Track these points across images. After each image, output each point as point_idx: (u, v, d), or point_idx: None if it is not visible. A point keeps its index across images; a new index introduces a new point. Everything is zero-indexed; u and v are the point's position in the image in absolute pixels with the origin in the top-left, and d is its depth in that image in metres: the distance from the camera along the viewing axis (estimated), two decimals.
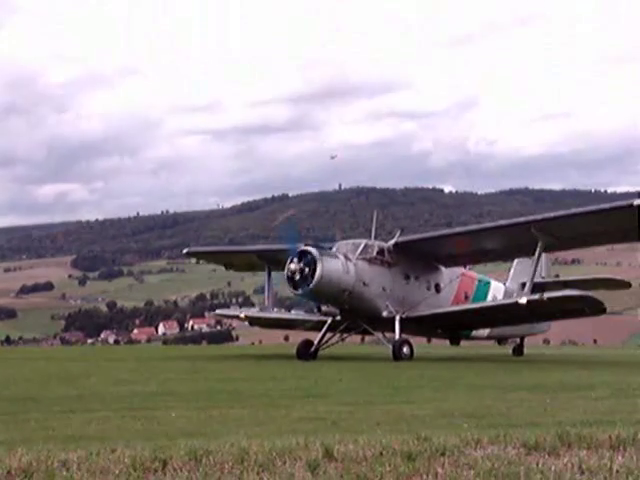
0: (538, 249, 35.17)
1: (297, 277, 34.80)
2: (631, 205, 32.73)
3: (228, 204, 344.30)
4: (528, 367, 33.29)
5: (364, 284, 35.98)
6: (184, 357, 41.82)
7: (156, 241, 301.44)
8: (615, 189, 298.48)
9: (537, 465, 8.28)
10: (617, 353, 54.14)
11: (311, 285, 34.56)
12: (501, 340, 45.21)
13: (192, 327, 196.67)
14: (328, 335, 38.66)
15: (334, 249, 36.93)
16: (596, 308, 36.14)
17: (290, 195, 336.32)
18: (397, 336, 35.54)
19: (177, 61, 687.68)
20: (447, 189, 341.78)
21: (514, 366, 34.35)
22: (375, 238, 38.51)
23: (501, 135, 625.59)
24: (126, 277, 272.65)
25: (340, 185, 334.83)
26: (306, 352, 37.26)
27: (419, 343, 46.13)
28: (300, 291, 35.50)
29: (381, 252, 37.26)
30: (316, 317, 39.69)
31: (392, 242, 38.21)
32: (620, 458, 8.61)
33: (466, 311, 38.16)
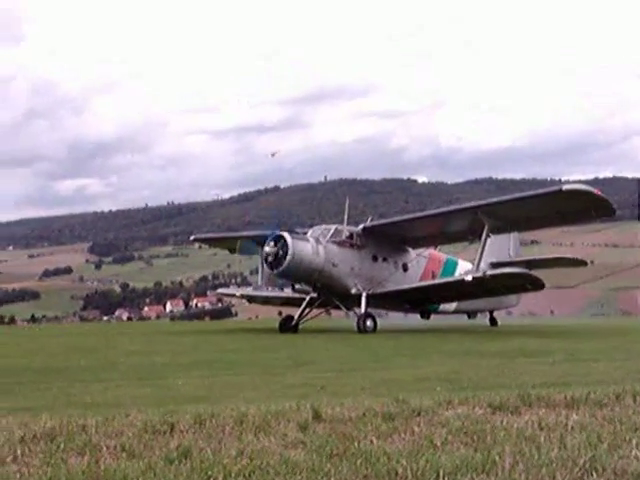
0: (485, 231, 35.01)
1: (271, 259, 34.89)
2: (560, 190, 32.87)
3: (227, 195, 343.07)
4: (492, 336, 33.35)
5: (333, 265, 35.90)
6: (189, 332, 41.80)
7: (163, 229, 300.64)
8: (568, 177, 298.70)
9: (501, 423, 8.30)
10: (572, 323, 54.24)
11: (283, 265, 34.62)
12: (470, 314, 45.09)
13: (196, 305, 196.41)
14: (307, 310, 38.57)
15: (308, 233, 36.93)
16: (536, 284, 36.15)
17: (281, 186, 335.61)
18: (362, 310, 35.45)
19: (181, 68, 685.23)
20: (420, 179, 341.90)
21: (480, 335, 34.41)
22: (348, 224, 38.31)
23: (468, 131, 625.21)
24: (137, 261, 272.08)
25: (325, 177, 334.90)
26: (287, 326, 37.33)
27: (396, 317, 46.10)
28: (275, 271, 35.64)
29: (350, 236, 37.17)
30: (296, 294, 39.77)
31: (361, 227, 38.16)
32: (575, 416, 8.64)
33: (421, 288, 37.81)
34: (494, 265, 42.31)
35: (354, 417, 8.70)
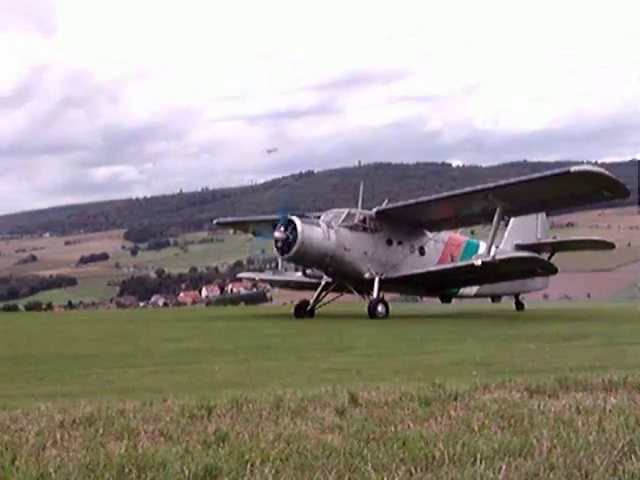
0: (497, 215, 34.58)
1: (280, 244, 34.72)
2: (568, 171, 32.39)
3: (261, 180, 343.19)
4: (527, 320, 33.22)
5: (345, 249, 35.56)
6: (224, 317, 41.94)
7: (198, 215, 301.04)
8: (605, 160, 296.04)
9: (539, 407, 8.29)
10: (608, 306, 53.89)
11: (292, 250, 34.44)
12: (494, 298, 44.62)
13: (231, 290, 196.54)
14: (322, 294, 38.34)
15: (321, 218, 36.58)
16: (548, 268, 35.81)
17: (315, 171, 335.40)
18: (375, 295, 34.96)
19: (214, 54, 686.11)
20: (455, 163, 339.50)
21: (514, 320, 34.29)
22: (369, 208, 38.00)
23: (503, 114, 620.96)
24: (172, 247, 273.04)
25: (359, 162, 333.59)
26: (303, 311, 37.12)
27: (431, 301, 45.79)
28: (285, 256, 35.54)
29: (363, 220, 36.78)
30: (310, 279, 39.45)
31: (374, 210, 37.72)
32: (612, 399, 8.60)
33: (433, 272, 37.19)
34: (519, 247, 41.98)
35: (390, 401, 8.72)
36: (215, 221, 56.06)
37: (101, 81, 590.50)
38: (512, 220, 43.73)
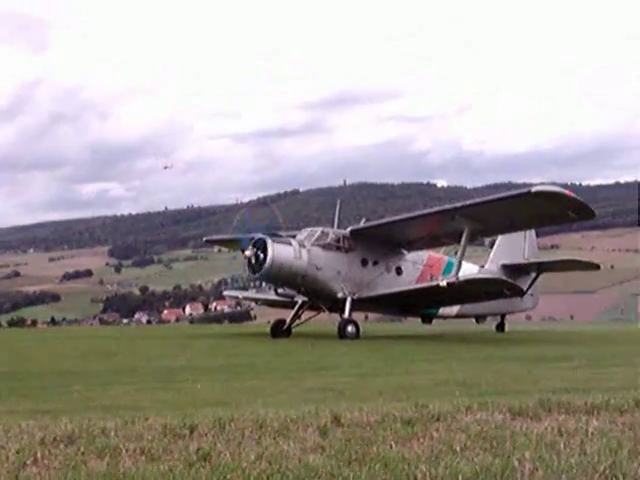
0: (465, 235, 34.36)
1: (252, 262, 34.40)
2: (529, 192, 32.04)
3: (247, 199, 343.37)
4: (512, 341, 33.30)
5: (317, 268, 35.19)
6: (208, 335, 41.88)
7: (182, 232, 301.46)
8: (589, 182, 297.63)
9: (521, 428, 8.30)
10: (591, 328, 54.08)
11: (263, 269, 34.19)
12: (479, 318, 44.34)
13: (215, 308, 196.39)
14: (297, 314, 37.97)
15: (296, 237, 36.34)
16: (514, 290, 35.63)
17: (301, 190, 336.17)
18: (346, 316, 34.66)
19: (203, 73, 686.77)
20: (440, 184, 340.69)
21: (499, 341, 34.36)
22: (338, 227, 37.90)
23: (490, 135, 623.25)
24: (156, 264, 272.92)
25: (345, 181, 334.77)
26: (279, 330, 36.86)
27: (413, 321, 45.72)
28: (257, 275, 35.32)
29: (338, 239, 36.42)
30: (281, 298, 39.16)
31: (349, 230, 37.31)
32: (595, 422, 8.62)
33: (401, 292, 36.47)
34: (506, 267, 41.94)
35: (373, 422, 8.71)
36: (204, 239, 56.55)
37: (91, 97, 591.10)
38: (499, 239, 43.67)
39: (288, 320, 37.48)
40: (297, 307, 37.67)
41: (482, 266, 42.95)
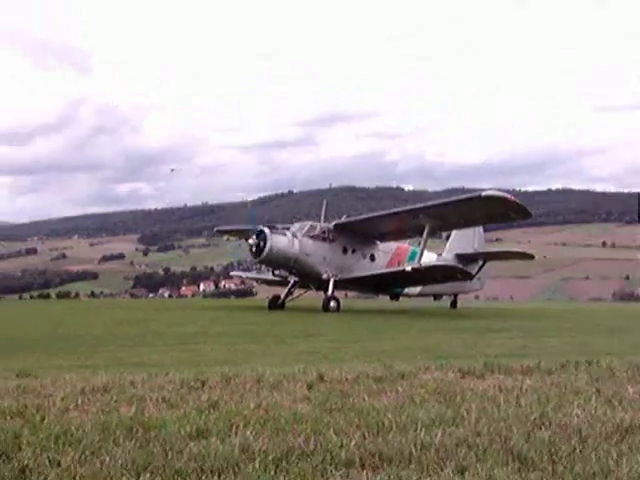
0: (426, 230, 34.44)
1: (254, 249, 34.56)
2: (479, 196, 32.14)
3: (250, 198, 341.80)
4: (462, 316, 33.30)
5: (307, 254, 35.20)
6: (217, 307, 41.78)
7: (198, 224, 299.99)
8: (527, 188, 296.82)
9: (469, 385, 8.32)
10: (527, 306, 54.18)
11: (263, 255, 34.34)
12: (436, 297, 44.06)
13: (224, 286, 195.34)
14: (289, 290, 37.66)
15: (291, 229, 36.29)
16: (465, 274, 35.74)
17: (294, 191, 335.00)
18: (329, 293, 34.50)
19: (218, 93, 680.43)
20: (407, 188, 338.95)
21: (452, 315, 34.39)
22: (324, 221, 37.67)
23: (448, 149, 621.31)
24: (176, 250, 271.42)
25: (330, 184, 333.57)
26: (275, 304, 36.81)
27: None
28: (257, 259, 35.36)
29: (323, 231, 36.36)
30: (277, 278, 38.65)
31: (333, 224, 37.22)
32: (528, 381, 8.66)
33: (374, 275, 36.52)
34: (459, 256, 41.80)
35: (350, 379, 8.72)
36: (215, 229, 56.40)
37: (125, 113, 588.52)
38: (453, 233, 43.45)
39: (282, 296, 37.43)
40: (290, 286, 37.61)
41: (440, 255, 42.84)
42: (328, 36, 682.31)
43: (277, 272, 37.86)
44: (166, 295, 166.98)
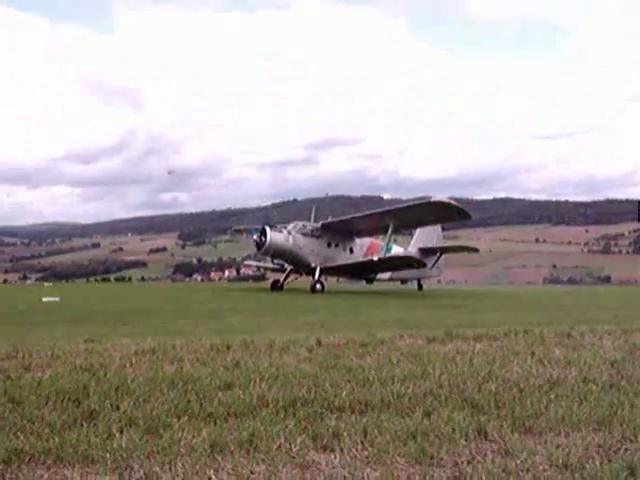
0: (390, 229, 34.11)
1: (257, 243, 34.68)
2: (429, 201, 31.91)
3: (264, 204, 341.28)
4: (427, 296, 33.26)
5: (299, 248, 34.96)
6: (238, 289, 41.79)
7: (224, 224, 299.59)
8: (477, 197, 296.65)
9: (433, 349, 8.33)
10: (477, 289, 54.15)
11: (263, 248, 34.31)
12: (403, 281, 43.01)
13: (244, 272, 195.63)
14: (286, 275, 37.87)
15: (287, 227, 35.84)
16: (419, 263, 35.54)
17: (299, 199, 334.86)
18: (316, 278, 33.98)
19: (239, 121, 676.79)
20: (385, 197, 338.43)
21: (418, 296, 34.36)
22: (314, 222, 37.28)
23: (417, 167, 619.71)
24: (207, 245, 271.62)
25: (327, 194, 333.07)
26: (275, 287, 36.93)
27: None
28: (260, 251, 35.23)
29: (312, 229, 36.01)
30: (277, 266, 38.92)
31: (320, 223, 36.83)
32: (478, 345, 8.66)
33: (350, 264, 36.09)
34: (421, 249, 41.27)
35: (342, 344, 8.72)
36: (233, 228, 57.03)
37: (169, 138, 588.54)
38: (417, 231, 42.84)
39: (281, 280, 37.55)
40: (287, 272, 37.63)
41: (406, 248, 42.51)
42: (312, 110, 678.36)
43: (276, 261, 37.85)
44: (199, 279, 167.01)
